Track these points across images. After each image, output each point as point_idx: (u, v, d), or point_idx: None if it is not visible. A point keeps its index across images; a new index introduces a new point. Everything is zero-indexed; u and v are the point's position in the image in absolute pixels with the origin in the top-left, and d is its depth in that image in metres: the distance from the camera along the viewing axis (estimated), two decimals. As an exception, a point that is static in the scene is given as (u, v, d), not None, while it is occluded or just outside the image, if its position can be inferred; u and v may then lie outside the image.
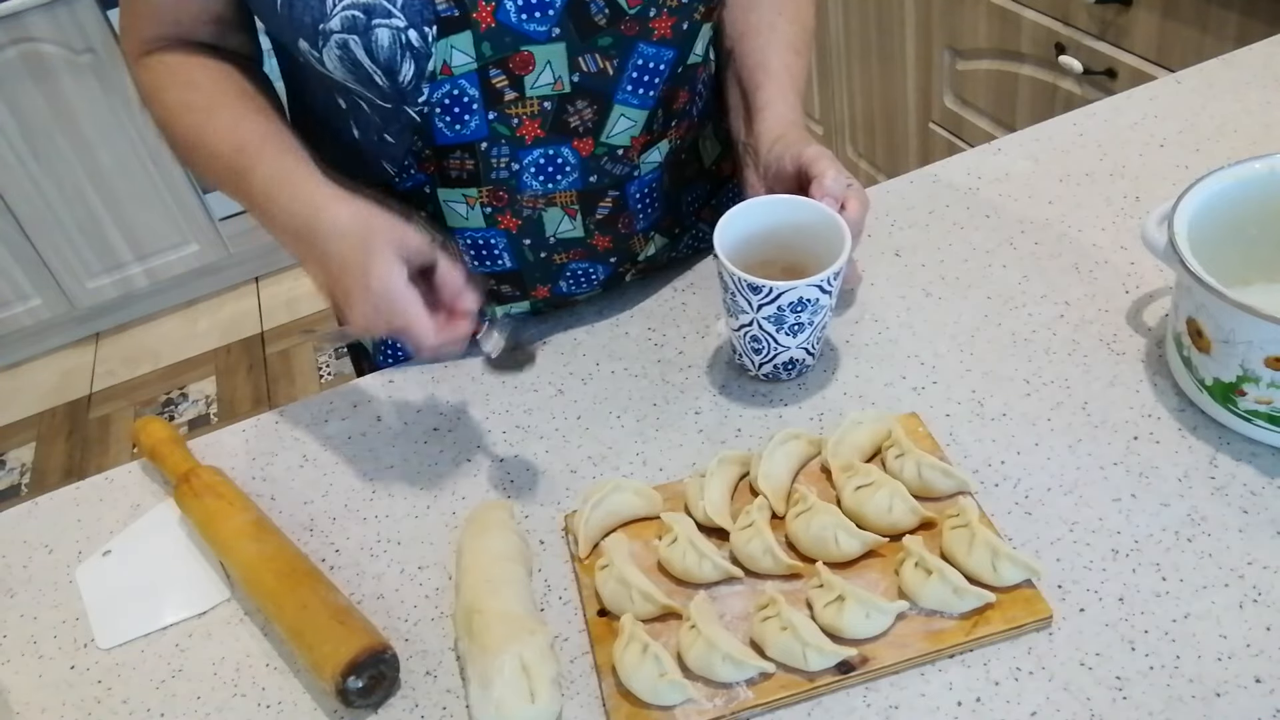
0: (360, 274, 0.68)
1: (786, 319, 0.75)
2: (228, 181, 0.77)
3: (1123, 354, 0.78)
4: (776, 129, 0.83)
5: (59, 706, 0.70)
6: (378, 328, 0.70)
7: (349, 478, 0.82)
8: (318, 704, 0.67)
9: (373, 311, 0.69)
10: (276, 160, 0.75)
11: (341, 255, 0.70)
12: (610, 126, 0.79)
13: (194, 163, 0.80)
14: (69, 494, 0.87)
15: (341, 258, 0.70)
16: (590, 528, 0.70)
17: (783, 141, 0.82)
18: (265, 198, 0.74)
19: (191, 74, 0.79)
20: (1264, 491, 0.67)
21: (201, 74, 0.79)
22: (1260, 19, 1.35)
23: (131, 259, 2.81)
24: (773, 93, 0.85)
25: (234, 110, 0.78)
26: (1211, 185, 0.72)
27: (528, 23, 0.73)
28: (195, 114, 0.78)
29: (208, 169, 0.79)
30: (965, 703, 0.59)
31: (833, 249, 0.74)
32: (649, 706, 0.61)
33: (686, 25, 0.77)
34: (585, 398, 0.84)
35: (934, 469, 0.69)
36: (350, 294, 0.70)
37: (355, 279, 0.69)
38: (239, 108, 0.78)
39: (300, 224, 0.72)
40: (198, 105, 0.78)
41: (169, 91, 0.79)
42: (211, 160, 0.77)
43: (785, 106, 0.84)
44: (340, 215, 0.71)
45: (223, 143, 0.76)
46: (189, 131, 0.78)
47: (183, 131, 0.79)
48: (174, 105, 0.79)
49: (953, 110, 2.09)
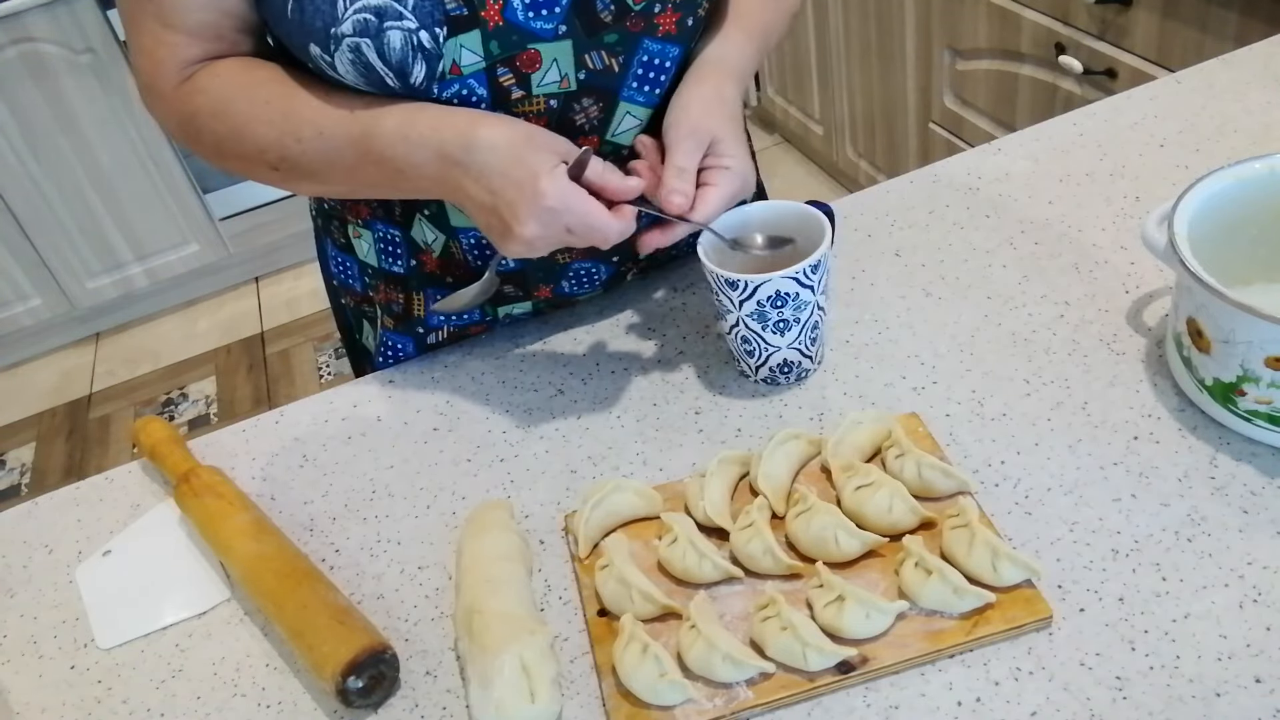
0: (529, 180, 0.68)
1: (769, 315, 0.75)
2: (343, 152, 0.74)
3: (1123, 354, 0.78)
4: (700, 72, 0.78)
5: (59, 706, 0.70)
6: (550, 235, 0.69)
7: (349, 478, 0.82)
8: (318, 704, 0.67)
9: (547, 216, 0.68)
10: (397, 108, 0.73)
11: (502, 168, 0.69)
12: (616, 124, 0.79)
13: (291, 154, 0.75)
14: (69, 494, 0.87)
15: (502, 171, 0.69)
16: (590, 528, 0.70)
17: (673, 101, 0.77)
18: (402, 140, 0.72)
19: (253, 72, 0.76)
20: (1264, 491, 0.67)
21: (260, 68, 0.76)
22: (1260, 19, 1.35)
23: (131, 259, 2.81)
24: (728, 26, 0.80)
25: (311, 91, 0.75)
26: (1211, 185, 0.72)
27: (535, 20, 0.73)
28: (275, 104, 0.74)
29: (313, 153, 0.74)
30: (965, 703, 0.59)
31: (817, 245, 0.75)
32: (649, 706, 0.61)
33: (691, 21, 0.77)
34: (585, 398, 0.84)
35: (934, 469, 0.69)
36: (516, 206, 0.69)
37: (521, 189, 0.68)
38: (313, 89, 0.75)
39: (453, 148, 0.70)
40: (272, 96, 0.75)
41: (236, 100, 0.75)
42: (317, 140, 0.74)
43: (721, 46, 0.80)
44: (495, 128, 0.70)
45: (323, 118, 0.73)
46: (274, 125, 0.74)
47: (266, 128, 0.74)
48: (245, 109, 0.75)
49: (953, 110, 2.09)
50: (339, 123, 0.73)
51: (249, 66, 0.76)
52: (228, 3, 0.74)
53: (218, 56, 0.77)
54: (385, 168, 0.73)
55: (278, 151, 0.75)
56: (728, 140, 0.75)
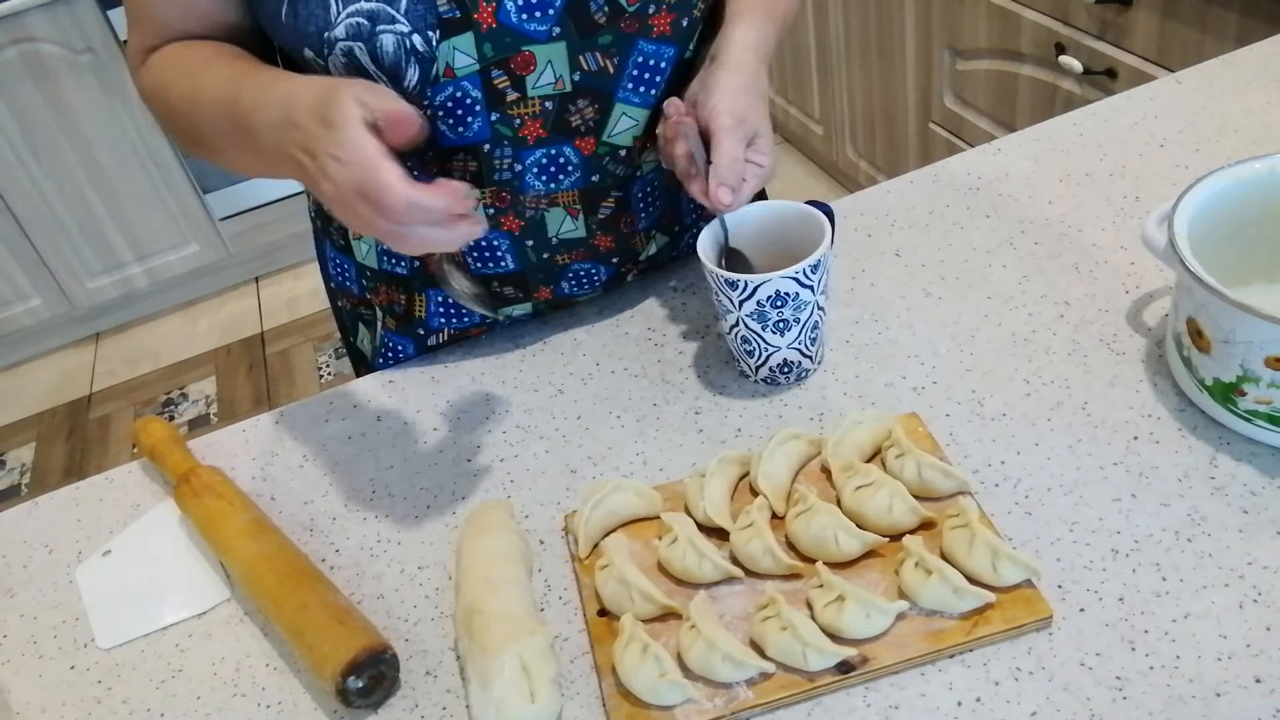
0: (322, 128, 0.62)
1: (769, 315, 0.75)
2: (225, 126, 0.70)
3: (1123, 354, 0.78)
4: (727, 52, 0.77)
5: (59, 706, 0.70)
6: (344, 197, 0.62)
7: (349, 478, 0.82)
8: (318, 704, 0.67)
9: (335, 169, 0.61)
10: (258, 75, 0.70)
11: (308, 125, 0.63)
12: (612, 125, 0.79)
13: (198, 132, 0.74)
14: (69, 494, 0.87)
15: (307, 127, 0.63)
16: (590, 528, 0.70)
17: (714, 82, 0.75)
18: (254, 106, 0.67)
19: (186, 52, 0.77)
20: (1264, 491, 0.67)
21: (197, 49, 0.77)
22: (1260, 19, 1.35)
23: (131, 259, 2.81)
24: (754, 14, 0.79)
25: (227, 62, 0.74)
26: (1211, 185, 0.72)
27: (528, 22, 0.73)
28: (188, 79, 0.74)
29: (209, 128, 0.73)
30: (965, 703, 0.59)
31: (817, 245, 0.75)
32: (649, 706, 0.61)
33: (686, 22, 0.77)
34: (585, 398, 0.84)
35: (934, 469, 0.69)
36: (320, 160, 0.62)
37: (319, 139, 0.62)
38: (232, 60, 0.74)
39: (279, 115, 0.66)
40: (191, 68, 0.75)
41: (167, 72, 0.77)
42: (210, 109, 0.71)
43: (751, 31, 0.78)
44: (309, 84, 0.66)
45: (218, 90, 0.71)
46: (185, 99, 0.74)
47: (179, 103, 0.74)
48: (170, 83, 0.76)
49: (953, 110, 2.09)
50: (222, 93, 0.71)
51: (187, 46, 0.78)
52: (197, 3, 0.77)
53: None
54: (251, 142, 0.69)
55: (188, 129, 0.76)
56: (765, 137, 0.76)
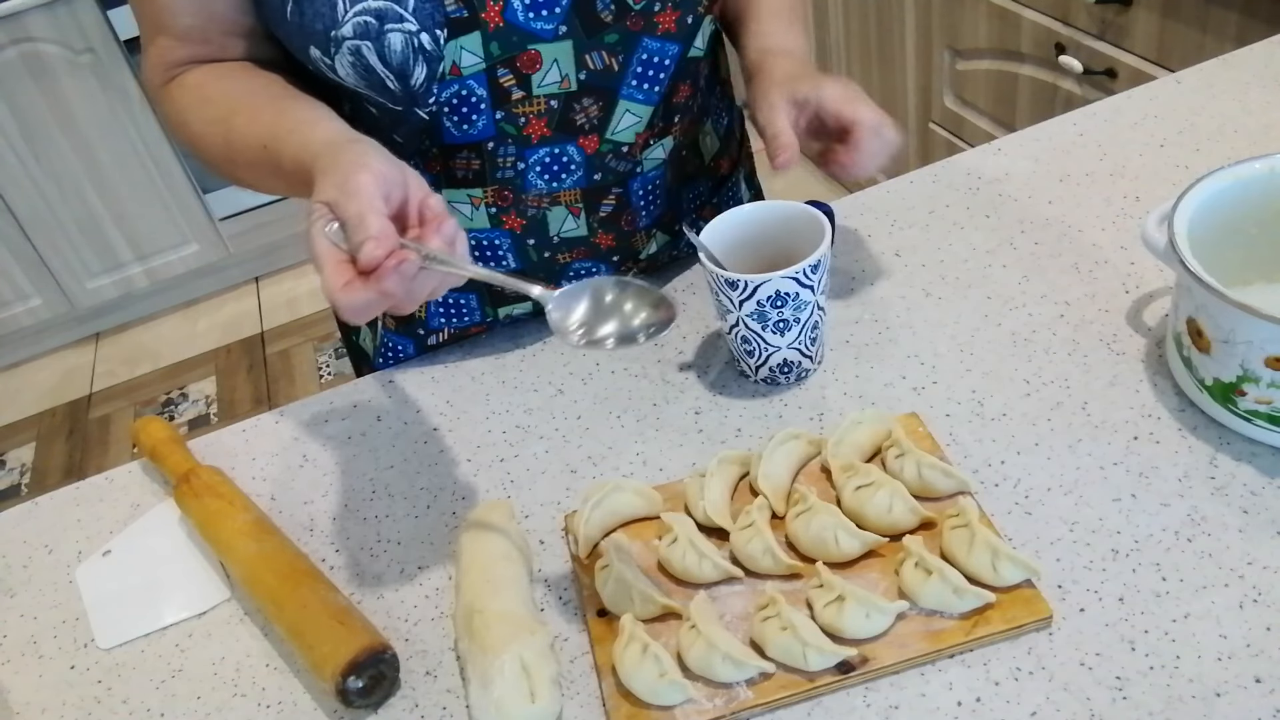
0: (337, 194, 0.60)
1: (769, 315, 0.75)
2: (270, 179, 0.71)
3: (1123, 354, 0.78)
4: (785, 67, 0.80)
5: (59, 706, 0.70)
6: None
7: (349, 478, 0.82)
8: (318, 704, 0.67)
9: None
10: (293, 135, 0.68)
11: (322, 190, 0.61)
12: (615, 123, 0.79)
13: (241, 178, 0.75)
14: (69, 494, 0.87)
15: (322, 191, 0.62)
16: (590, 528, 0.70)
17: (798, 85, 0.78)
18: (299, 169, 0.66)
19: (204, 89, 0.76)
20: (1264, 491, 0.67)
21: (214, 85, 0.76)
22: (1260, 19, 1.35)
23: (131, 259, 2.81)
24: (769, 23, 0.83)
25: (249, 107, 0.73)
26: (1211, 185, 0.72)
27: (535, 21, 0.73)
28: (217, 127, 0.74)
29: (254, 177, 0.73)
30: (965, 703, 0.59)
31: (817, 245, 0.75)
32: (649, 706, 0.61)
33: (690, 19, 0.77)
34: (585, 398, 0.84)
35: (934, 469, 0.69)
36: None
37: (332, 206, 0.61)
38: (251, 103, 0.73)
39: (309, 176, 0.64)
40: (217, 118, 0.74)
41: (189, 113, 0.76)
42: (252, 168, 0.72)
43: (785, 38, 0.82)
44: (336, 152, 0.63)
45: (249, 148, 0.71)
46: (218, 150, 0.74)
47: (214, 152, 0.75)
48: (197, 130, 0.75)
49: (953, 110, 2.09)
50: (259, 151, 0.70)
51: (205, 79, 0.76)
52: (215, 8, 0.75)
53: (205, 59, 0.77)
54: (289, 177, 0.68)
55: (229, 174, 0.76)
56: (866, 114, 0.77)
